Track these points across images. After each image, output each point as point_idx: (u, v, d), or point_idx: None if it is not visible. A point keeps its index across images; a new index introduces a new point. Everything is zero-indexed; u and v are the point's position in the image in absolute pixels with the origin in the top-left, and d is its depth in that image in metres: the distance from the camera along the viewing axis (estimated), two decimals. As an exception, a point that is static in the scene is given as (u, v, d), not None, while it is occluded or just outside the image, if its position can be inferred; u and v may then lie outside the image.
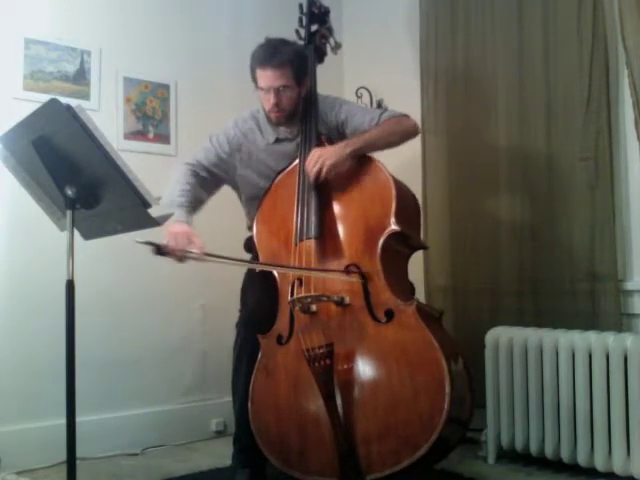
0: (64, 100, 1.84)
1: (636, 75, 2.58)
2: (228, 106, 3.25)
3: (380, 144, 2.47)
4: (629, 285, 2.74)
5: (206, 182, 2.62)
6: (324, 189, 2.42)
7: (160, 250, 2.13)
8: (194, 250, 2.22)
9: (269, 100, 2.48)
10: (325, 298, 2.28)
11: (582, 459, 2.55)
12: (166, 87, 3.37)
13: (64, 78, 3.05)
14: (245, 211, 2.74)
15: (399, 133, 2.52)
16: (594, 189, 2.77)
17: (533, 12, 3.00)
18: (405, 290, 2.37)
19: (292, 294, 2.35)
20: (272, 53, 2.45)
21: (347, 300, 2.27)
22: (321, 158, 2.36)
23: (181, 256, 2.22)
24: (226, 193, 2.75)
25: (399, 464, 2.09)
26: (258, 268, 2.49)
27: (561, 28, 2.90)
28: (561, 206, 2.89)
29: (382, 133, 2.48)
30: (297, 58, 2.50)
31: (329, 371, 2.20)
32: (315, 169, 2.36)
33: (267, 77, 2.45)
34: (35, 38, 2.97)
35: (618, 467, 2.45)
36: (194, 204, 2.54)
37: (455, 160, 3.25)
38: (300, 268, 2.33)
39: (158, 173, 2.75)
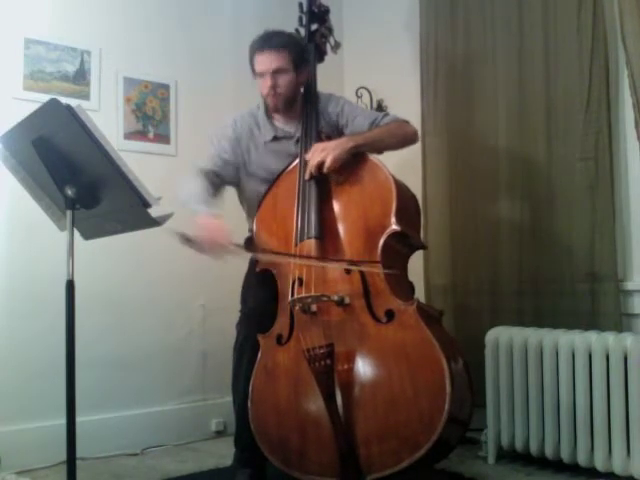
0: (64, 100, 1.84)
1: (636, 75, 2.58)
2: (228, 106, 3.25)
3: (381, 145, 2.48)
4: (629, 285, 2.74)
5: (215, 184, 2.60)
6: (324, 188, 2.42)
7: (190, 242, 2.15)
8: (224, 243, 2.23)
9: (266, 83, 2.49)
10: (325, 298, 2.27)
11: (582, 459, 2.55)
12: (166, 87, 3.37)
13: (64, 78, 3.05)
14: (245, 212, 2.73)
15: (400, 136, 2.53)
16: (594, 189, 2.78)
17: (533, 12, 3.00)
18: (405, 290, 2.37)
19: (292, 294, 2.34)
20: (269, 37, 2.50)
21: (347, 300, 2.27)
22: (324, 151, 2.35)
23: (222, 251, 2.23)
24: (226, 193, 2.74)
25: (399, 464, 2.09)
26: (291, 261, 2.39)
27: (561, 28, 2.90)
28: (561, 206, 2.89)
29: (383, 134, 2.49)
30: (294, 44, 2.54)
31: (329, 371, 2.20)
32: (317, 160, 2.34)
33: (264, 60, 2.47)
34: (35, 38, 2.97)
35: (618, 467, 2.45)
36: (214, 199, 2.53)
37: (455, 160, 3.25)
38: (317, 258, 2.31)
39: (158, 173, 2.77)
